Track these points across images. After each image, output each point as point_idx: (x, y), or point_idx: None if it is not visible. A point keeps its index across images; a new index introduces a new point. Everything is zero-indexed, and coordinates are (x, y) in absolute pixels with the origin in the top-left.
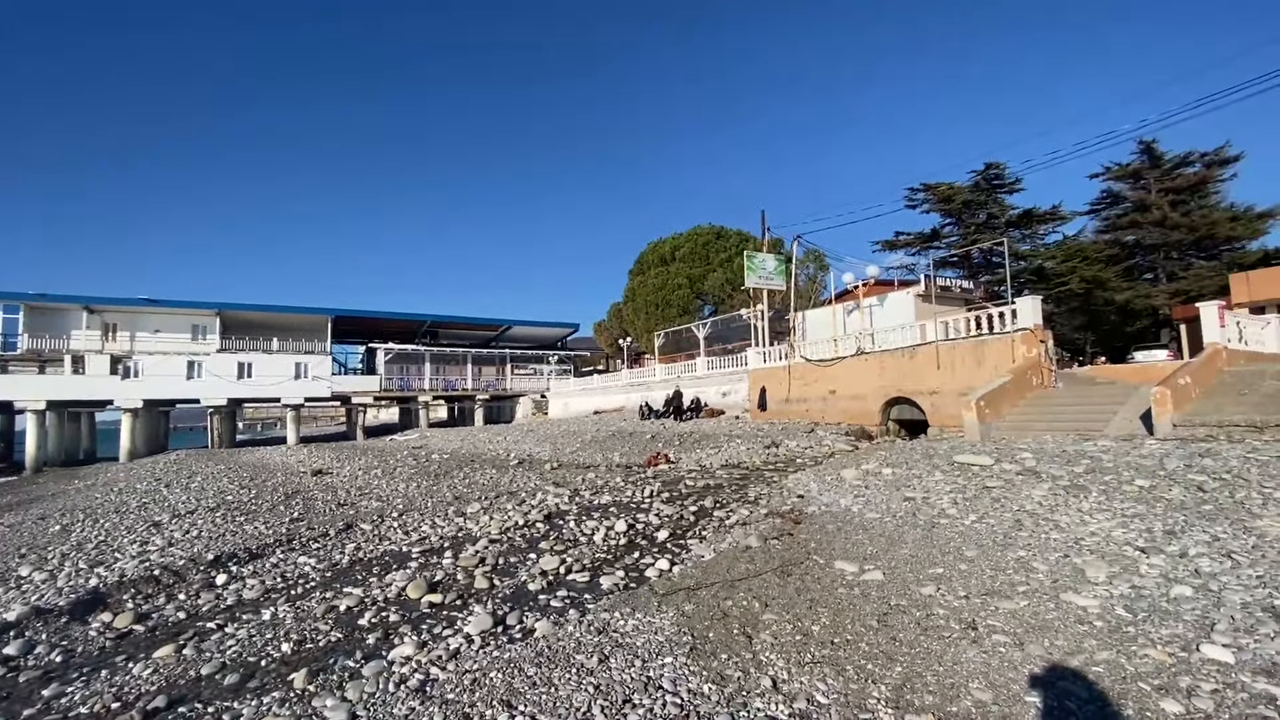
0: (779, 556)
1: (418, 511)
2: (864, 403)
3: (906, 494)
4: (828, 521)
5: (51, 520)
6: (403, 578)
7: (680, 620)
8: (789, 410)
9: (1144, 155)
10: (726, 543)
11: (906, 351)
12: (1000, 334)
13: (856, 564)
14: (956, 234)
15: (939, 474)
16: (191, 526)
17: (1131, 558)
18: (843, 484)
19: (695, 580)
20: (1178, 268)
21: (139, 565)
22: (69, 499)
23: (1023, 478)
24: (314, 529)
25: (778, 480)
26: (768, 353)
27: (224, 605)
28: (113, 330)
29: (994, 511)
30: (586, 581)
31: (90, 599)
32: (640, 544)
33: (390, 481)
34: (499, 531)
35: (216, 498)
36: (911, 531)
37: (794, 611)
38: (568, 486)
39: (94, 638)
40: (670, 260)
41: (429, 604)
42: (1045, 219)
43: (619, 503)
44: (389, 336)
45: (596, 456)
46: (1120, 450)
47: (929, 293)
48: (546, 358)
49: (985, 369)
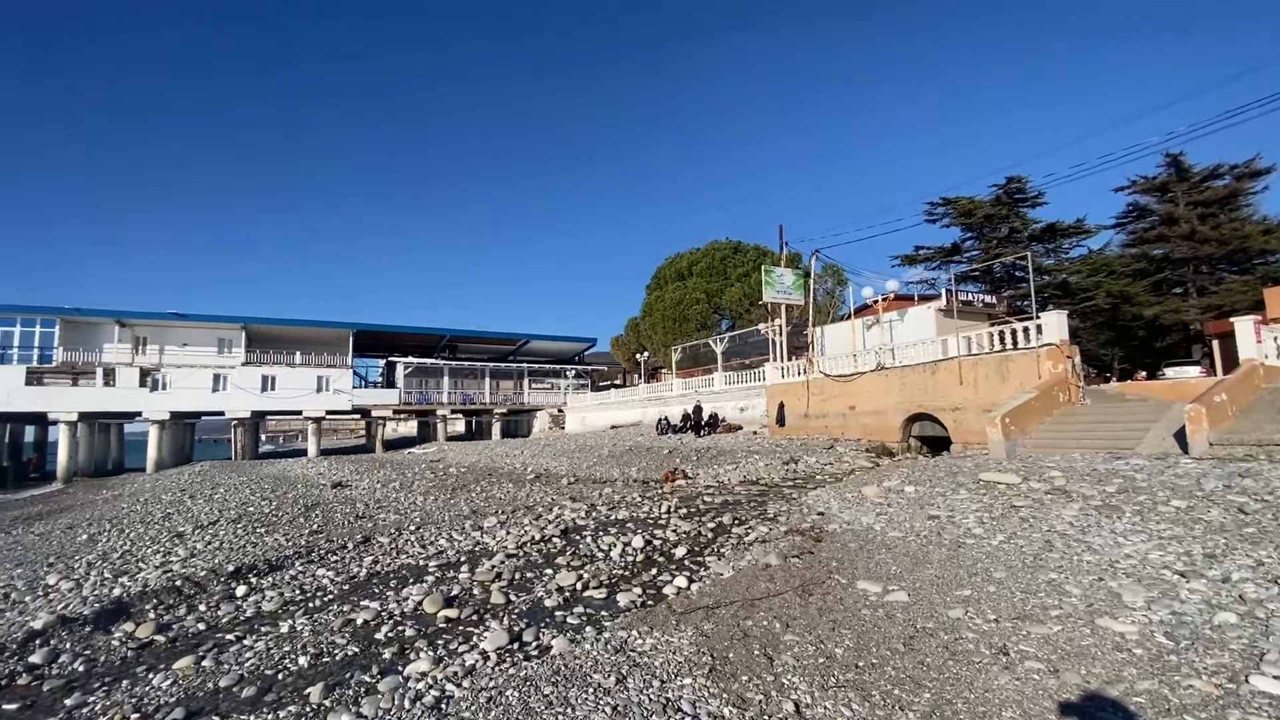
0: (799, 575)
1: (435, 525)
2: (884, 418)
3: (930, 512)
4: (849, 540)
5: (79, 530)
6: (419, 592)
7: (699, 639)
8: (808, 426)
9: (1171, 168)
10: (746, 560)
11: (928, 367)
12: (1025, 349)
13: (880, 584)
14: (977, 248)
15: (964, 492)
16: (213, 538)
17: (1171, 582)
18: (864, 501)
19: (714, 599)
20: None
21: (161, 575)
22: (97, 509)
23: (1052, 497)
24: (332, 541)
25: (797, 497)
26: (786, 368)
27: (243, 617)
28: (143, 344)
29: (1023, 531)
30: (603, 598)
31: (114, 608)
32: (658, 561)
33: (408, 495)
34: (515, 546)
35: (238, 509)
36: (936, 551)
37: (816, 632)
38: (585, 501)
39: (116, 647)
40: (687, 275)
41: (445, 619)
42: (1069, 233)
43: (636, 518)
44: (409, 350)
45: (614, 471)
46: (1154, 469)
47: (950, 307)
48: (564, 372)
49: (1010, 385)
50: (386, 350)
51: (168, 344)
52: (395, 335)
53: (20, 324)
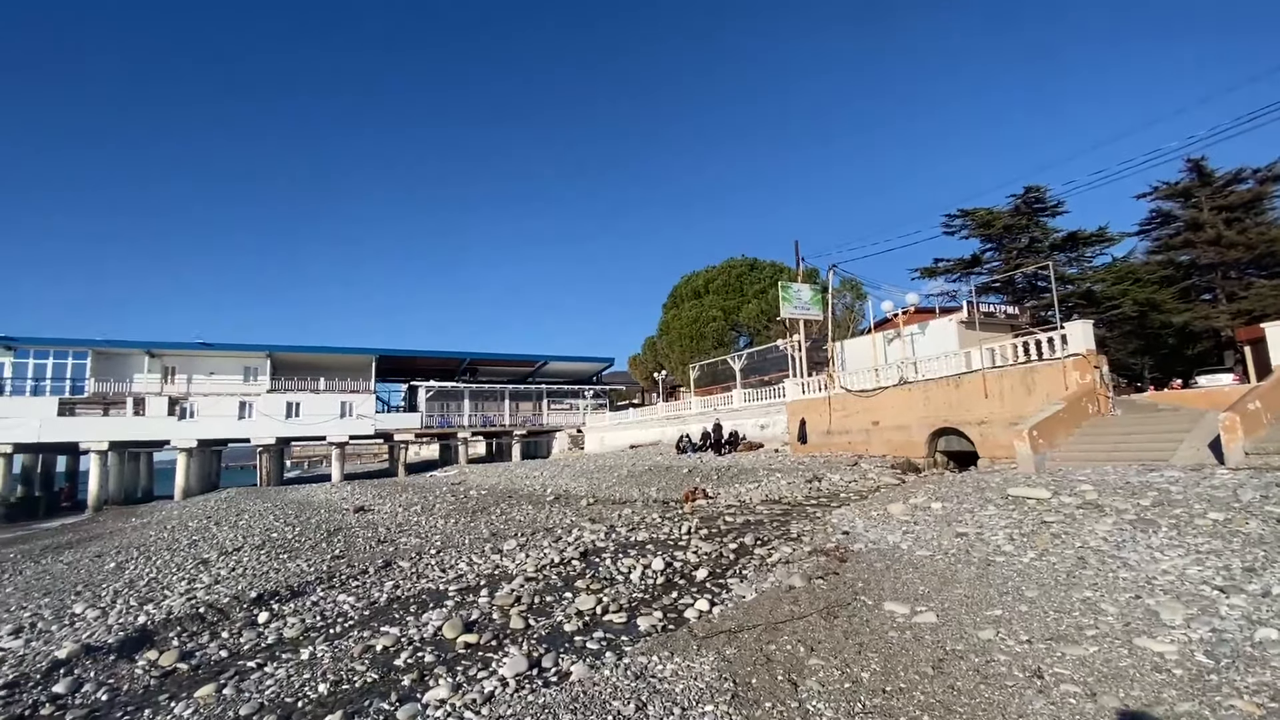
0: (824, 597)
1: (455, 548)
2: (909, 434)
3: (958, 530)
4: (875, 560)
5: (107, 558)
6: (439, 617)
7: (721, 665)
8: (830, 442)
9: (1193, 173)
10: (769, 582)
11: (952, 380)
12: (1051, 360)
13: (908, 605)
14: (998, 259)
15: (992, 508)
16: (237, 564)
17: (1210, 598)
18: (890, 520)
19: (736, 622)
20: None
21: (185, 603)
22: (125, 536)
23: (1084, 512)
24: (354, 566)
25: (821, 516)
26: (806, 384)
27: (265, 644)
28: (171, 373)
29: (1054, 548)
30: (623, 622)
31: (138, 637)
32: (678, 583)
33: (429, 518)
34: (535, 569)
35: (262, 535)
36: (965, 570)
37: (842, 656)
38: (604, 523)
39: (139, 676)
40: (704, 293)
41: (464, 644)
42: (1092, 241)
43: (656, 540)
44: (430, 374)
45: (633, 492)
46: (1189, 481)
47: (972, 319)
48: (582, 392)
49: (1036, 397)
50: (408, 375)
51: (195, 373)
52: (416, 360)
53: (53, 356)
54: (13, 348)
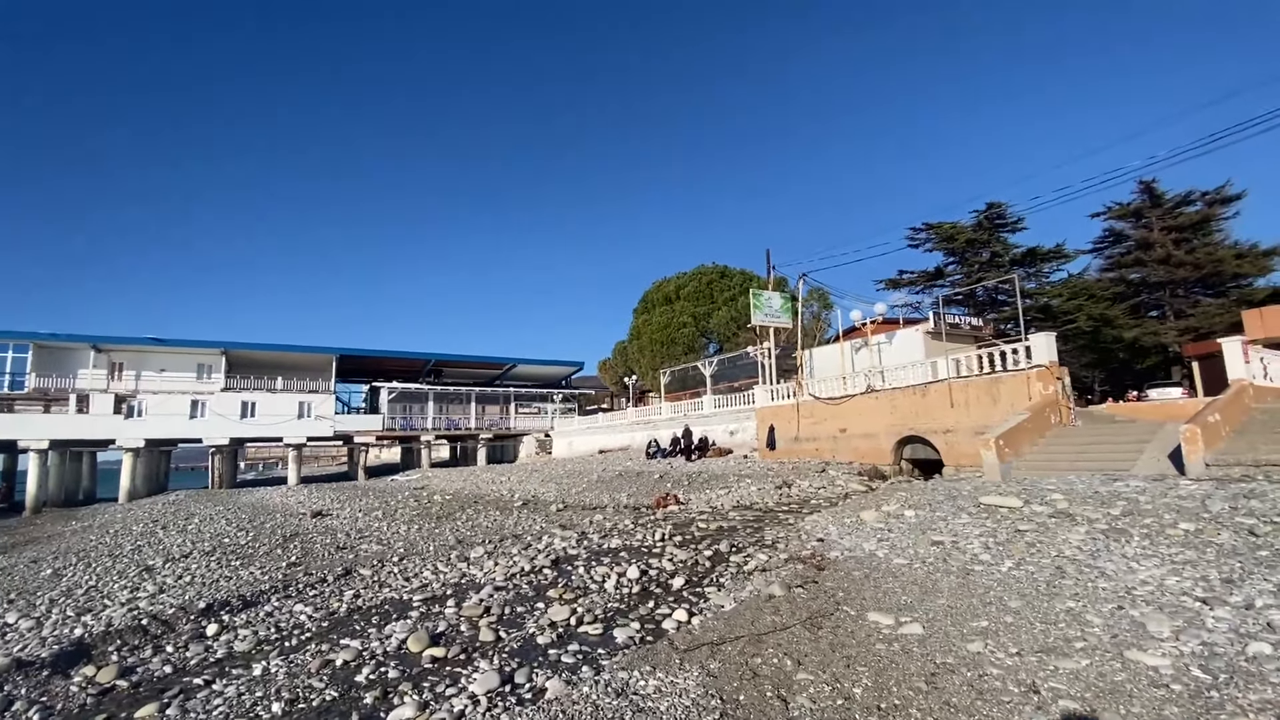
0: (806, 607)
1: (419, 556)
2: (876, 441)
3: (934, 538)
4: (853, 568)
5: (44, 564)
6: (403, 629)
7: (706, 680)
8: (799, 449)
9: (1145, 194)
10: (747, 591)
11: (918, 389)
12: (1015, 371)
13: (891, 616)
14: (960, 272)
15: (965, 516)
16: (185, 571)
17: (1193, 610)
18: (864, 527)
19: (718, 634)
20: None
21: (127, 614)
22: (64, 541)
23: (1056, 520)
24: (311, 575)
25: (793, 522)
26: (776, 390)
27: (213, 659)
28: (119, 369)
29: (1031, 557)
30: (599, 634)
31: (74, 650)
32: (655, 592)
33: (391, 524)
34: (504, 578)
35: (213, 541)
36: (945, 579)
37: (830, 670)
38: (575, 529)
39: (75, 693)
40: (675, 299)
41: (431, 658)
42: (1049, 257)
43: (630, 546)
44: (393, 375)
45: (604, 497)
46: (1156, 491)
47: (938, 330)
48: (550, 396)
49: (1000, 407)
50: (370, 375)
51: (145, 369)
52: (379, 360)
53: None
54: None
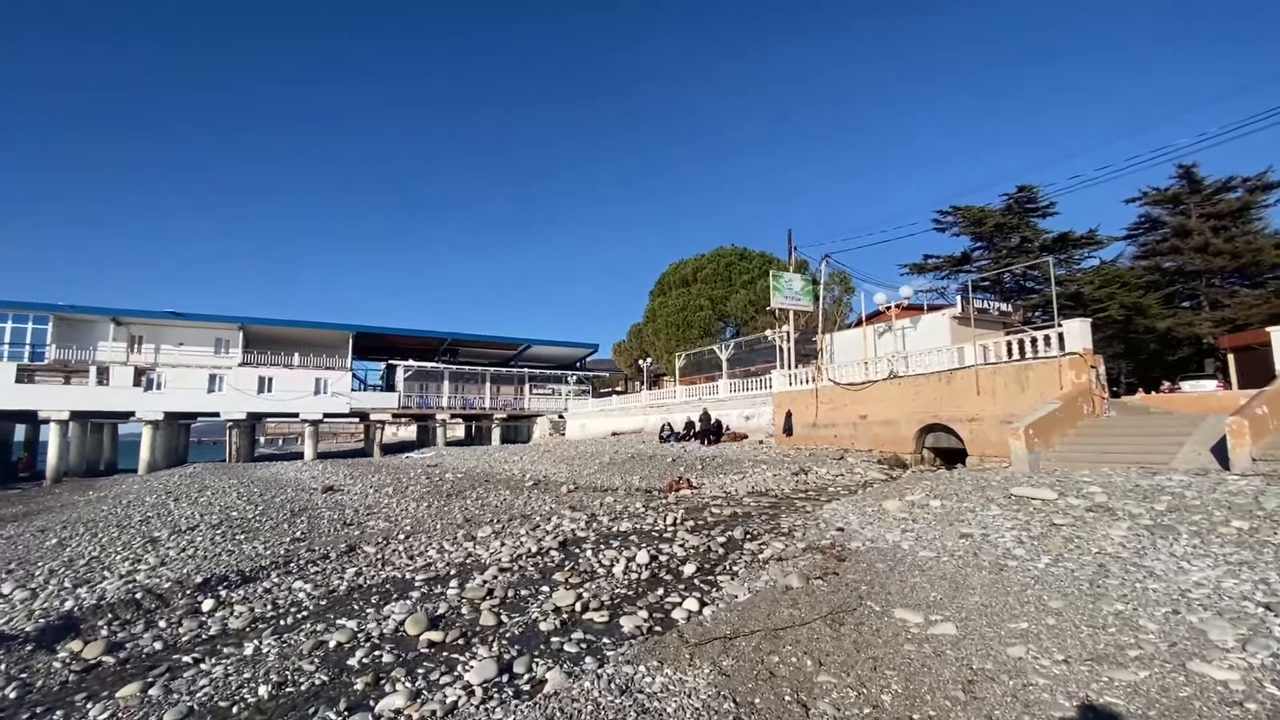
0: (826, 601)
1: (425, 534)
2: (897, 429)
3: (962, 530)
4: (876, 559)
5: (50, 533)
6: (402, 610)
7: (718, 679)
8: (816, 435)
9: (1183, 180)
10: (762, 581)
11: (943, 376)
12: (1046, 358)
13: (920, 613)
14: (987, 258)
15: (995, 508)
16: (189, 544)
17: (1257, 616)
18: (886, 517)
19: (731, 627)
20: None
21: (123, 586)
22: (76, 510)
23: (1094, 515)
24: (315, 550)
25: (811, 510)
26: (794, 375)
27: (205, 636)
28: (138, 343)
29: (1069, 553)
30: (605, 622)
31: (62, 624)
32: (664, 579)
33: (400, 500)
34: (510, 559)
35: (221, 514)
36: (976, 574)
37: (856, 673)
38: (585, 511)
39: (58, 670)
40: (692, 281)
41: (428, 642)
42: (1081, 243)
43: (640, 530)
44: (409, 354)
45: (615, 480)
46: (1203, 486)
47: (966, 315)
48: (565, 378)
49: (1030, 395)
50: (386, 353)
51: (164, 343)
52: (395, 338)
53: (12, 320)
54: None
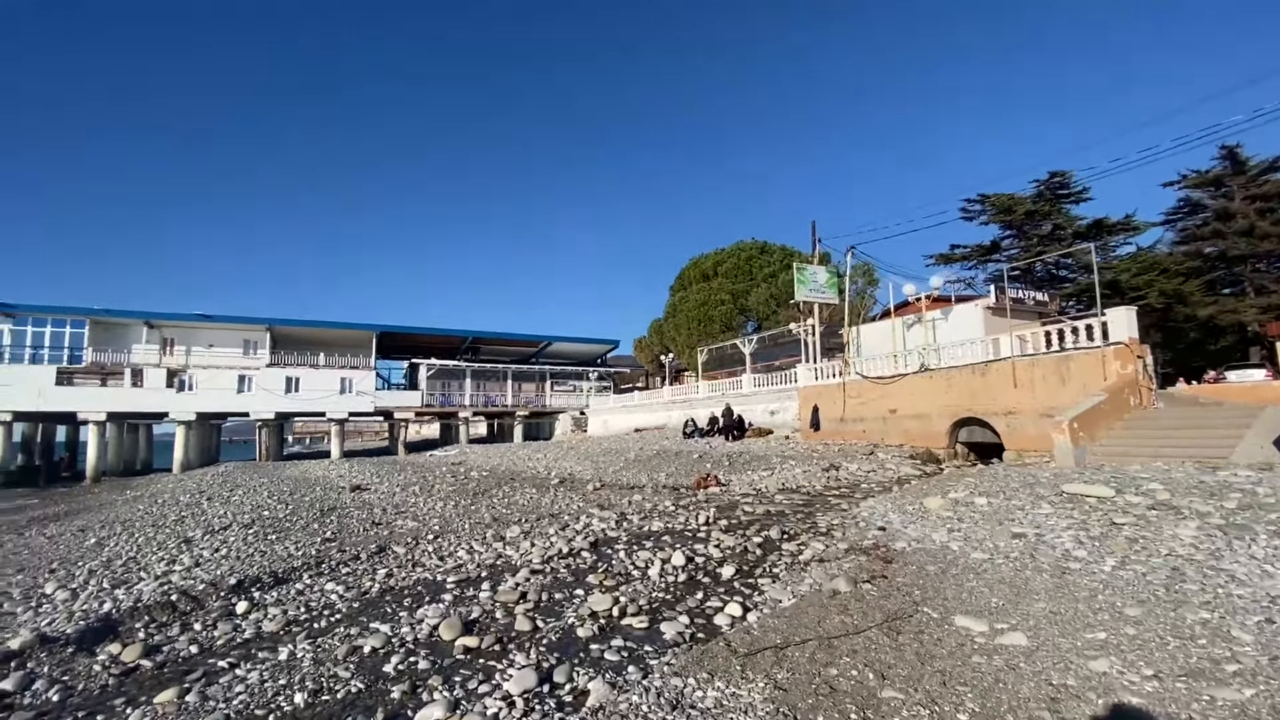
0: (879, 607)
1: (454, 534)
2: (928, 423)
3: (1013, 529)
4: (925, 561)
5: (90, 533)
6: (435, 614)
7: (774, 694)
8: (844, 430)
9: (1226, 161)
10: (806, 584)
11: (978, 368)
12: (1088, 348)
13: (984, 621)
14: (1017, 246)
15: (1046, 506)
16: (222, 544)
17: None
18: (929, 515)
19: (781, 635)
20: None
21: (158, 588)
22: (114, 510)
23: (1158, 514)
24: (345, 551)
25: (847, 508)
26: (820, 369)
27: (241, 639)
28: (170, 345)
29: (1137, 555)
30: (645, 628)
31: (101, 626)
32: (703, 582)
33: (428, 499)
34: (541, 560)
35: (252, 513)
36: (1037, 578)
37: (923, 688)
38: (613, 510)
39: (98, 672)
40: (712, 276)
41: (464, 648)
42: (1117, 229)
43: (672, 530)
44: (431, 352)
45: (641, 477)
46: (1276, 483)
47: (1000, 305)
48: (586, 374)
49: (1071, 387)
50: (409, 352)
51: (194, 345)
52: (418, 337)
53: (51, 324)
54: (12, 315)
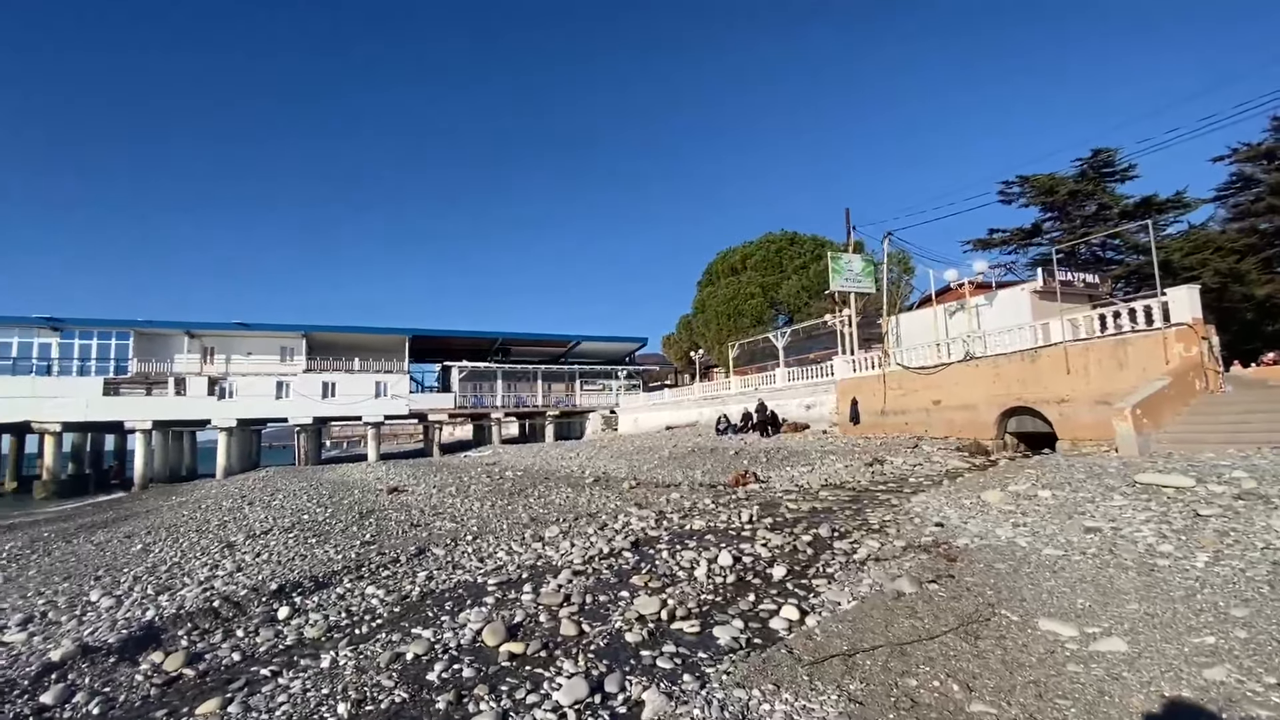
0: (950, 609)
1: (493, 534)
2: (975, 413)
3: (1085, 524)
4: (993, 559)
5: (136, 539)
6: (478, 618)
7: (849, 708)
8: (885, 423)
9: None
10: (865, 585)
11: (1027, 354)
12: (1148, 331)
13: (1073, 624)
14: (1060, 229)
15: (1118, 497)
16: (263, 549)
17: None
18: (989, 510)
19: (846, 640)
20: None
21: (201, 594)
22: (160, 516)
23: (1245, 504)
24: (385, 554)
25: (897, 504)
26: (858, 361)
27: (282, 645)
28: (210, 353)
29: (1231, 550)
30: (696, 633)
31: (144, 634)
32: (753, 583)
33: (464, 500)
34: (582, 561)
35: (293, 517)
36: (1123, 576)
37: (1018, 702)
38: (652, 508)
39: (140, 683)
40: (741, 269)
41: (509, 655)
42: (1167, 207)
43: (714, 528)
44: (462, 355)
45: (677, 474)
46: None
47: (1049, 288)
48: (615, 373)
49: (1129, 372)
50: (441, 355)
51: (234, 353)
52: (449, 340)
53: (97, 337)
54: (60, 329)
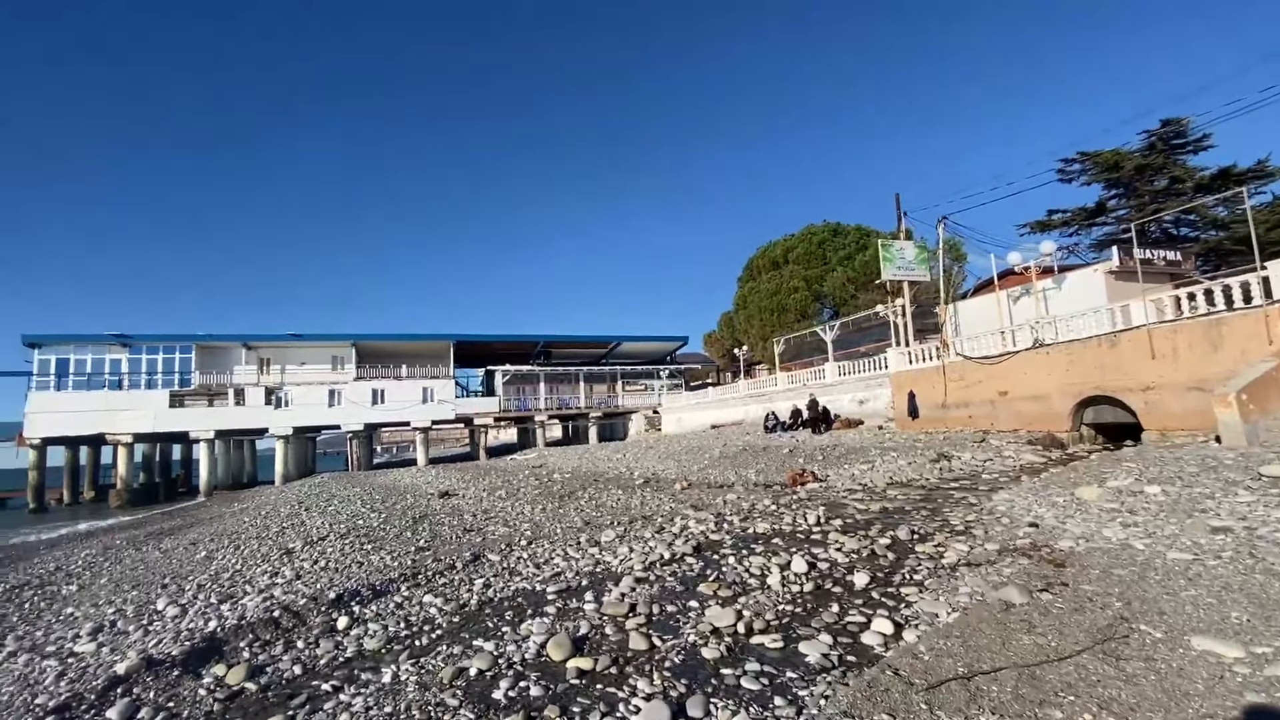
0: (1075, 624)
1: (547, 539)
2: (1047, 404)
3: (1211, 523)
4: (1110, 565)
5: (200, 547)
6: (540, 629)
7: None
8: (946, 417)
9: None
10: (964, 594)
11: (1105, 339)
12: (1246, 310)
13: (1235, 644)
14: (1126, 206)
15: (1244, 493)
16: (320, 555)
17: None
18: (1088, 508)
19: (961, 660)
20: None
21: (262, 603)
22: (223, 523)
23: None
24: (440, 560)
25: (976, 502)
26: (913, 352)
27: (343, 657)
28: (266, 364)
29: None
30: (780, 648)
31: (206, 646)
32: (834, 592)
33: (515, 504)
34: (643, 567)
35: (348, 523)
36: (1276, 584)
37: None
38: (709, 510)
39: (203, 697)
40: (783, 263)
41: (577, 671)
42: (1248, 177)
43: (780, 531)
44: (505, 358)
45: (729, 474)
46: None
47: (1126, 268)
48: (656, 373)
49: (1225, 355)
50: (485, 360)
51: (288, 363)
52: (492, 344)
53: (163, 351)
54: (128, 344)
